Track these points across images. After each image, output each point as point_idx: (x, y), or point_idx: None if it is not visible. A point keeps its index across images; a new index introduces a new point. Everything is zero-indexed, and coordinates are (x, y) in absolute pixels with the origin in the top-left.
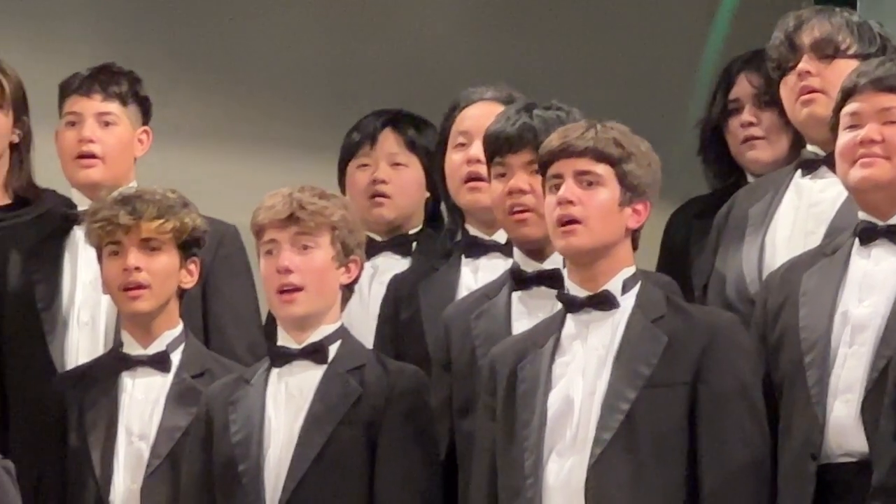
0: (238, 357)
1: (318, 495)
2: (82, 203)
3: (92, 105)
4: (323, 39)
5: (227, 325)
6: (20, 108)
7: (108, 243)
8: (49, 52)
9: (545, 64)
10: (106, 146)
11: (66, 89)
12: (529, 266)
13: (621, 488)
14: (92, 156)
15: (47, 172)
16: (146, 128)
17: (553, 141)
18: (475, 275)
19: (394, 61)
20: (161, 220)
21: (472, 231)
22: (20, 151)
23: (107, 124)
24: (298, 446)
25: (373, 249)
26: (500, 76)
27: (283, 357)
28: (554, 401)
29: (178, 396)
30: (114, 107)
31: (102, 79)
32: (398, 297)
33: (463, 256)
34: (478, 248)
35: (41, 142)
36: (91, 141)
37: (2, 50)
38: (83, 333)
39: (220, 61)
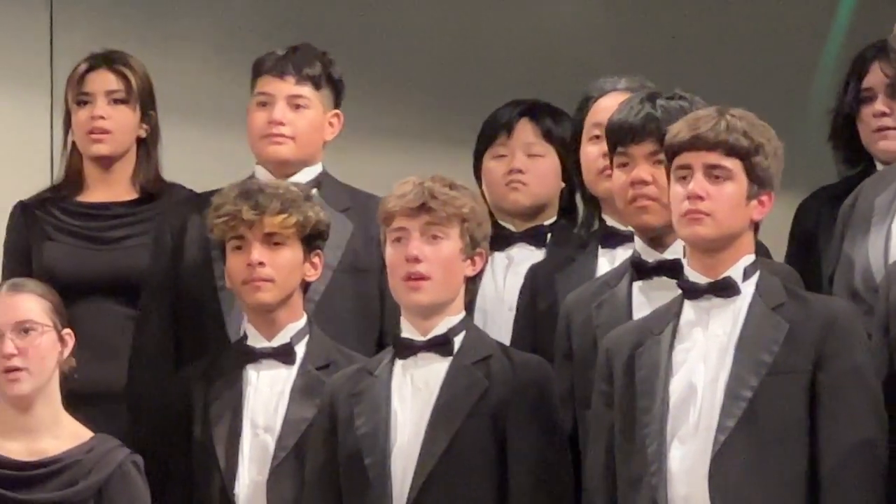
0: None
1: (447, 489)
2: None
3: (284, 87)
4: (452, 28)
5: None
6: (147, 103)
7: (231, 238)
8: (176, 48)
9: (670, 51)
10: (296, 129)
11: (259, 68)
12: (650, 256)
13: (744, 475)
14: (280, 136)
15: (173, 167)
16: (338, 111)
17: (682, 131)
18: (611, 265)
19: (523, 50)
20: (284, 215)
21: (609, 221)
22: (147, 146)
23: (297, 107)
24: (426, 440)
25: (508, 240)
26: (629, 63)
27: (408, 349)
28: (676, 387)
29: (304, 388)
30: (306, 90)
31: (296, 60)
32: (535, 287)
33: (599, 247)
34: (614, 239)
35: (168, 136)
36: (281, 123)
37: (129, 45)
38: None
39: (349, 53)
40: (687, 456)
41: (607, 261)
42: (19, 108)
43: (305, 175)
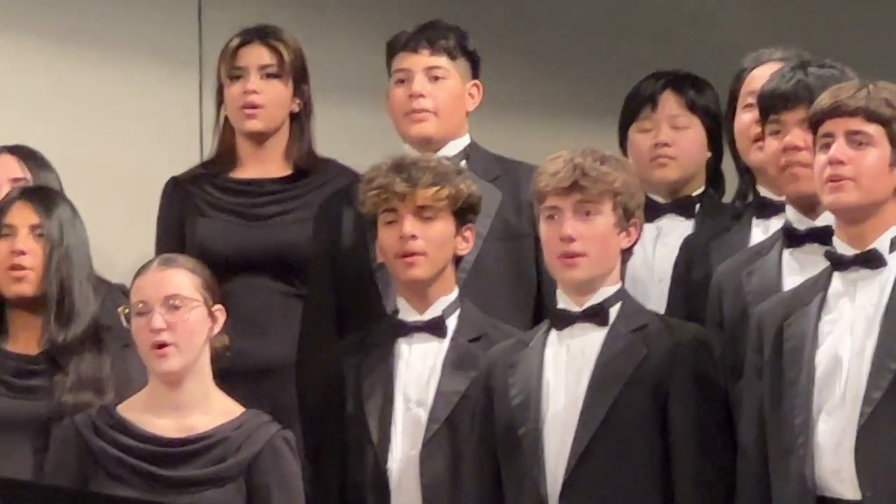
0: None
1: (607, 457)
2: None
3: (420, 60)
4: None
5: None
6: (300, 78)
7: (383, 211)
8: (327, 22)
9: (817, 24)
10: (437, 100)
11: (394, 47)
12: (802, 223)
13: (891, 447)
14: (423, 110)
15: (328, 142)
16: (476, 82)
17: (824, 100)
18: (765, 235)
19: (669, 21)
20: (437, 188)
21: (763, 192)
22: (301, 121)
23: (436, 78)
24: (585, 409)
25: (656, 211)
26: (777, 36)
27: (563, 319)
28: (822, 359)
29: (455, 361)
30: (442, 61)
31: (429, 34)
32: (690, 258)
33: (754, 217)
34: (768, 209)
35: (321, 112)
36: (421, 95)
37: (283, 20)
38: None
39: (495, 27)
40: (834, 429)
41: (761, 231)
42: (169, 84)
43: (453, 148)
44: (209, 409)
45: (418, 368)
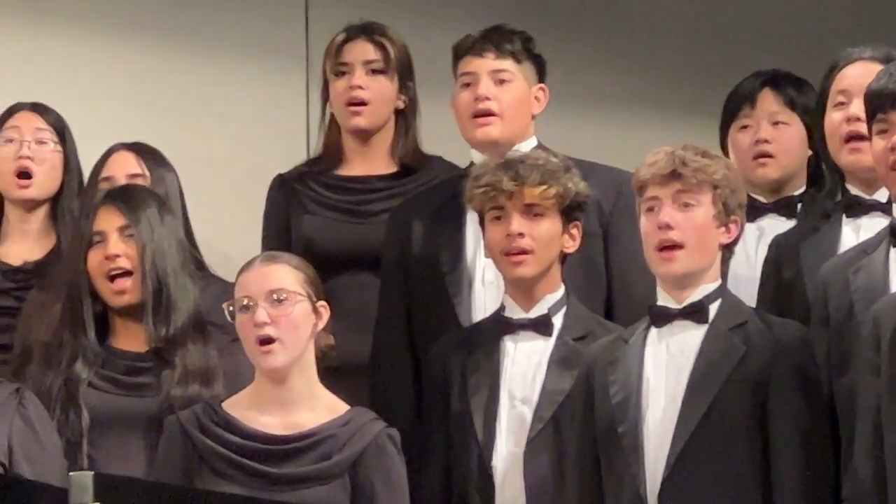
0: (639, 302)
1: (706, 456)
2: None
3: (485, 63)
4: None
5: (629, 270)
6: (406, 74)
7: (490, 208)
8: (435, 19)
9: None
10: (502, 103)
11: (459, 51)
12: None
13: None
14: (489, 113)
15: (433, 139)
16: (542, 85)
17: None
18: (856, 234)
19: (771, 22)
20: (544, 186)
21: (853, 191)
22: (406, 118)
23: (502, 82)
24: (684, 407)
25: (758, 211)
26: (873, 34)
27: (663, 317)
28: None
29: (561, 359)
30: (508, 64)
31: (494, 37)
32: (780, 257)
33: (844, 216)
34: (859, 208)
35: (427, 108)
36: (487, 98)
37: (390, 17)
38: (489, 292)
39: (603, 26)
40: None
41: (851, 230)
42: (275, 81)
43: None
44: (315, 406)
45: (523, 366)
